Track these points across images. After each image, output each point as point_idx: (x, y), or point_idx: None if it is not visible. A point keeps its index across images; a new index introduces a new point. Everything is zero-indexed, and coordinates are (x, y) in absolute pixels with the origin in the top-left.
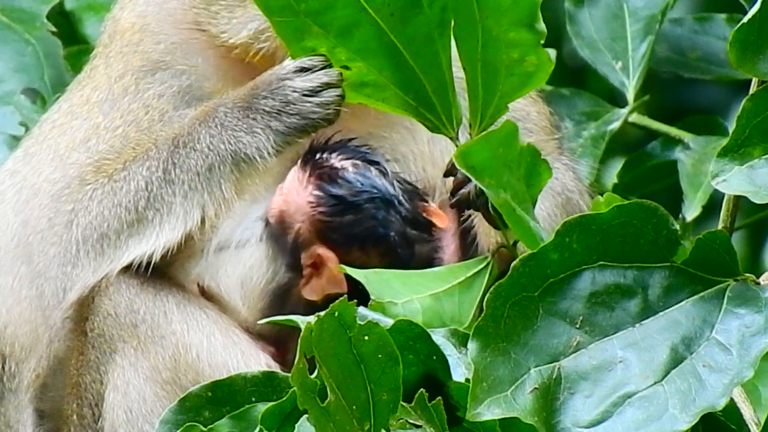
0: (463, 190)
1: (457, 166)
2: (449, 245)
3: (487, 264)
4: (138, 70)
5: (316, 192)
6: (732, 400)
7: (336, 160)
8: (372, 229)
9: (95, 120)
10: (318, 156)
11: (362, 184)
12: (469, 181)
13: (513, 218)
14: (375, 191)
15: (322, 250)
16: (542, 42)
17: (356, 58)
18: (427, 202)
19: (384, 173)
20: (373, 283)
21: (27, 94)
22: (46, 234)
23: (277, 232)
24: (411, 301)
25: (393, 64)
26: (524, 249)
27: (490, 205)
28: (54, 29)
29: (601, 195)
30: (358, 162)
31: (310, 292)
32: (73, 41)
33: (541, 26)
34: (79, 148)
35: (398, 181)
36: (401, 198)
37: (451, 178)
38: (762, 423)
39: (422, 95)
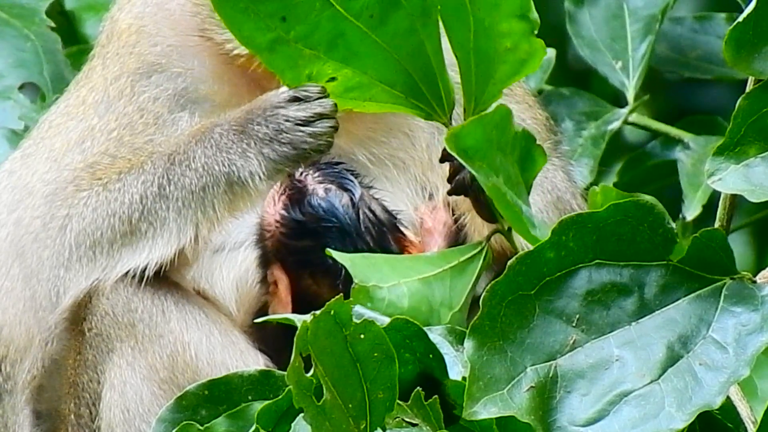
0: (458, 177)
1: (448, 149)
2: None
3: (482, 249)
4: (134, 72)
5: (282, 212)
6: (728, 398)
7: (310, 181)
8: (323, 258)
9: (90, 122)
10: (296, 174)
11: (324, 212)
12: (465, 167)
13: (503, 203)
14: (334, 220)
15: (277, 272)
16: (536, 31)
17: (342, 66)
18: (404, 234)
19: (353, 203)
20: (359, 267)
21: (26, 92)
22: (40, 236)
23: (256, 241)
24: (398, 285)
25: (377, 62)
26: (521, 242)
27: (482, 192)
28: (53, 25)
29: None
30: (331, 187)
31: (270, 310)
32: (73, 41)
33: (534, 15)
34: (73, 149)
35: (371, 212)
36: (362, 230)
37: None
38: (759, 420)
39: (410, 85)
